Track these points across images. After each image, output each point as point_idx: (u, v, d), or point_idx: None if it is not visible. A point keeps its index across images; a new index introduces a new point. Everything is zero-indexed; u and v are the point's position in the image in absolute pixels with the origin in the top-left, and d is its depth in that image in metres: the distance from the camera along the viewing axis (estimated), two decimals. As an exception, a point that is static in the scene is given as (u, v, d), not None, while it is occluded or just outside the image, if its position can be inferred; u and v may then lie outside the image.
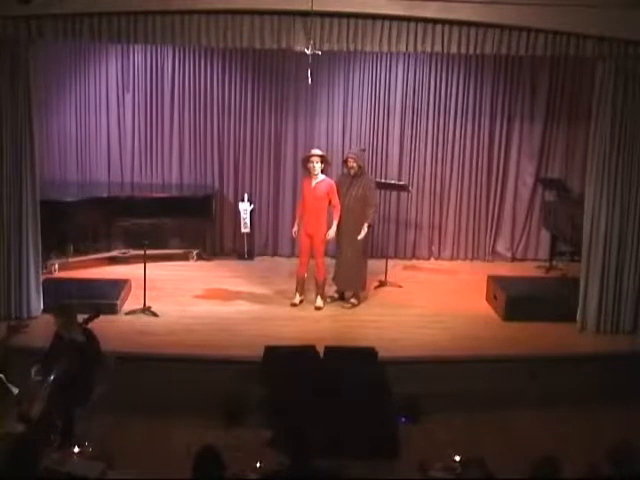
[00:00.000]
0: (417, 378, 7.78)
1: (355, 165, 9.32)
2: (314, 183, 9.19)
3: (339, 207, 9.22)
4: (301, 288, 9.44)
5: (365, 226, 9.24)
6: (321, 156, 9.20)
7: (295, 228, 9.44)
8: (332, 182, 9.30)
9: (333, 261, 9.65)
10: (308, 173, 9.24)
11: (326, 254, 9.49)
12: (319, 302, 9.36)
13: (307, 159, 9.24)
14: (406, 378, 7.68)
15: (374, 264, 10.06)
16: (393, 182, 10.78)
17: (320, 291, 9.39)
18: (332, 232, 9.25)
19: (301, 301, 9.44)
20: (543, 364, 8.13)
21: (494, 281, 9.69)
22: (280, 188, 11.26)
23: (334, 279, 9.58)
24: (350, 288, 9.60)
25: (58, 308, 6.92)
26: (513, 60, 10.73)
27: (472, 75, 11.03)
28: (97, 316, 6.77)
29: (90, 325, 6.73)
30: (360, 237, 9.24)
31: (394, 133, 11.20)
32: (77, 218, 10.21)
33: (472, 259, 11.49)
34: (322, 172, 9.21)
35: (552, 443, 6.68)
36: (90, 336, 6.65)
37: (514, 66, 10.96)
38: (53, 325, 6.74)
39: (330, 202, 9.23)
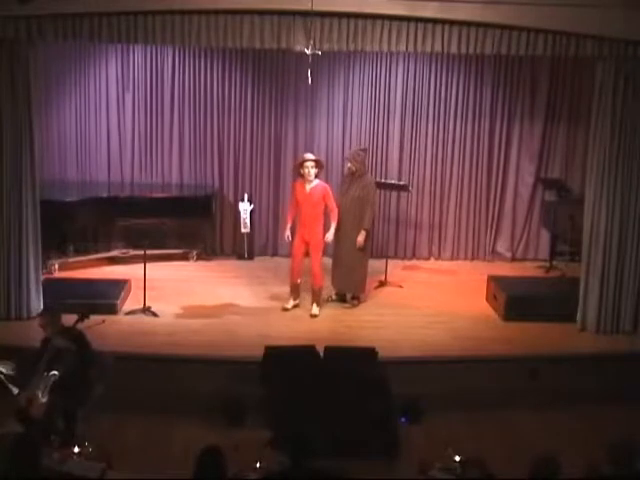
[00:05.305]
0: (417, 378, 7.78)
1: (352, 166, 9.30)
2: (308, 188, 9.05)
3: (336, 210, 9.12)
4: (295, 294, 9.32)
5: (363, 232, 9.20)
6: (315, 160, 9.09)
7: (287, 232, 9.29)
8: (326, 186, 9.19)
9: (330, 261, 9.64)
10: (302, 178, 9.12)
11: (324, 254, 9.41)
12: (315, 310, 9.18)
13: (301, 164, 9.12)
14: (406, 378, 7.68)
15: (374, 264, 10.05)
16: (393, 182, 10.77)
17: (316, 298, 9.23)
18: (330, 235, 9.14)
19: (295, 306, 9.30)
20: (543, 364, 8.13)
21: (494, 281, 9.69)
22: (280, 188, 11.25)
23: (332, 281, 9.53)
24: (348, 290, 9.55)
25: (42, 311, 7.08)
26: (513, 60, 10.73)
27: (472, 75, 11.02)
28: (87, 316, 6.71)
29: (82, 325, 6.68)
30: (359, 244, 9.20)
31: (394, 133, 11.19)
32: (77, 218, 10.20)
33: (472, 259, 11.48)
34: (316, 176, 9.09)
35: (552, 443, 6.68)
36: (79, 337, 6.59)
37: (514, 66, 10.95)
38: (40, 328, 6.72)
39: (326, 206, 9.13)
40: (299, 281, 9.27)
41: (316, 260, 9.18)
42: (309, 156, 9.22)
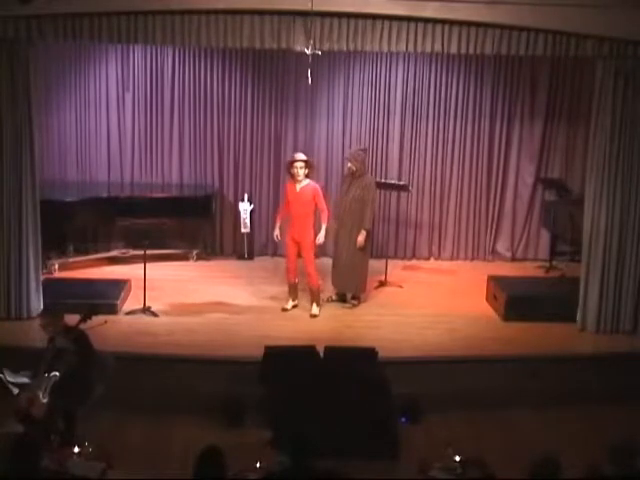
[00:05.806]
0: (417, 378, 7.79)
1: (352, 166, 9.29)
2: (299, 188, 9.04)
3: (327, 211, 9.11)
4: (294, 294, 9.32)
5: (363, 232, 9.19)
6: (305, 161, 9.06)
7: (276, 232, 9.30)
8: (317, 186, 9.17)
9: (330, 261, 9.63)
10: (292, 178, 9.11)
11: (316, 256, 9.38)
12: (315, 310, 9.19)
13: (291, 164, 9.10)
14: (406, 378, 7.68)
15: (374, 264, 10.04)
16: (393, 182, 10.77)
17: (315, 298, 9.22)
18: (321, 237, 9.09)
19: (294, 306, 9.31)
20: (543, 364, 8.13)
21: (494, 281, 9.69)
22: (280, 188, 11.19)
23: (332, 281, 9.54)
24: (348, 290, 9.55)
25: (43, 311, 7.08)
26: (513, 60, 10.73)
27: (472, 75, 11.02)
28: (90, 317, 6.70)
29: (85, 325, 6.67)
30: (359, 244, 9.20)
31: (394, 133, 11.19)
32: (77, 218, 10.20)
33: (472, 259, 11.48)
34: (306, 177, 9.06)
35: (552, 443, 6.67)
36: (80, 337, 6.57)
37: (514, 66, 10.96)
38: (40, 328, 6.71)
39: (316, 206, 9.10)
40: (296, 281, 9.27)
41: (309, 261, 9.16)
42: (299, 156, 9.19)
